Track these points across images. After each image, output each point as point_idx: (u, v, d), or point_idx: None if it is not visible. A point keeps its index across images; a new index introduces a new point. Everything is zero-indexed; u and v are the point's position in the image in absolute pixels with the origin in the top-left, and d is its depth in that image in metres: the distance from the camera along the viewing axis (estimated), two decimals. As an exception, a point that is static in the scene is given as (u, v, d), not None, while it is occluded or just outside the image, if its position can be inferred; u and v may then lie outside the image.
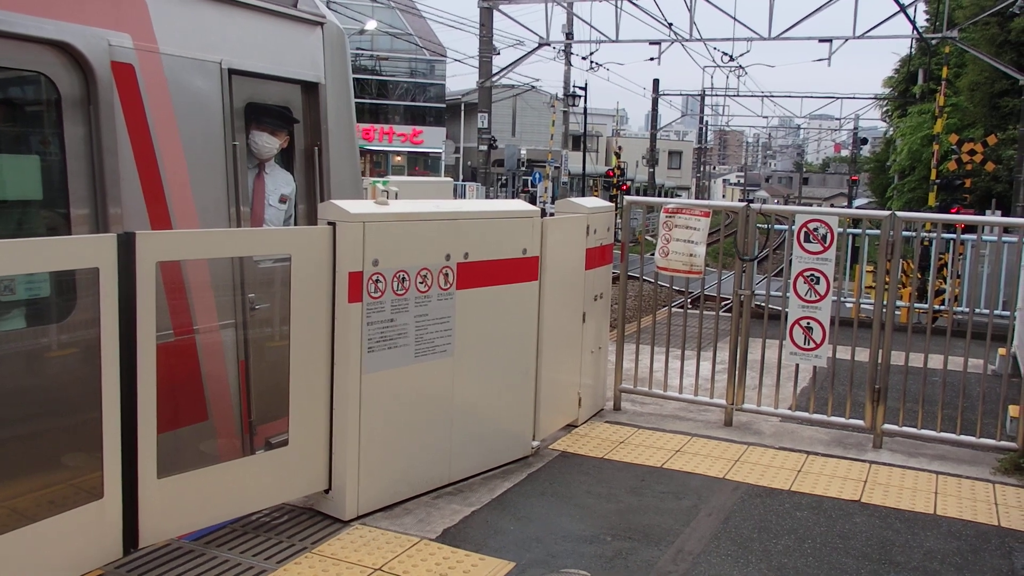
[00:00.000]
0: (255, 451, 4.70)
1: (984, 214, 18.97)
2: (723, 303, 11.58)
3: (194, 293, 4.37)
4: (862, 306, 10.02)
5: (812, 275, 5.77)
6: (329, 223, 4.12)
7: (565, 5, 28.85)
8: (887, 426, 5.82)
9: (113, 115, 3.97)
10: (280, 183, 5.09)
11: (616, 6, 25.52)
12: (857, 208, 46.60)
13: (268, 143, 4.92)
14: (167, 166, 4.25)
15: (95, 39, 3.90)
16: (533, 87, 42.61)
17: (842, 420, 6.00)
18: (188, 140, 4.37)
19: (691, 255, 6.15)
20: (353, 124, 5.58)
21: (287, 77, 5.01)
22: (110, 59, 3.95)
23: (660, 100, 50.39)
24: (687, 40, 26.10)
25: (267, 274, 4.79)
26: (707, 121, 70.82)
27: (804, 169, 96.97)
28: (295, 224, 5.14)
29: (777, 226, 9.01)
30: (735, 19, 24.03)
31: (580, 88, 42.64)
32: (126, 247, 3.42)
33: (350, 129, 5.52)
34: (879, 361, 5.73)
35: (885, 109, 43.53)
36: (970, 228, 10.16)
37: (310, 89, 5.16)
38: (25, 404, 3.72)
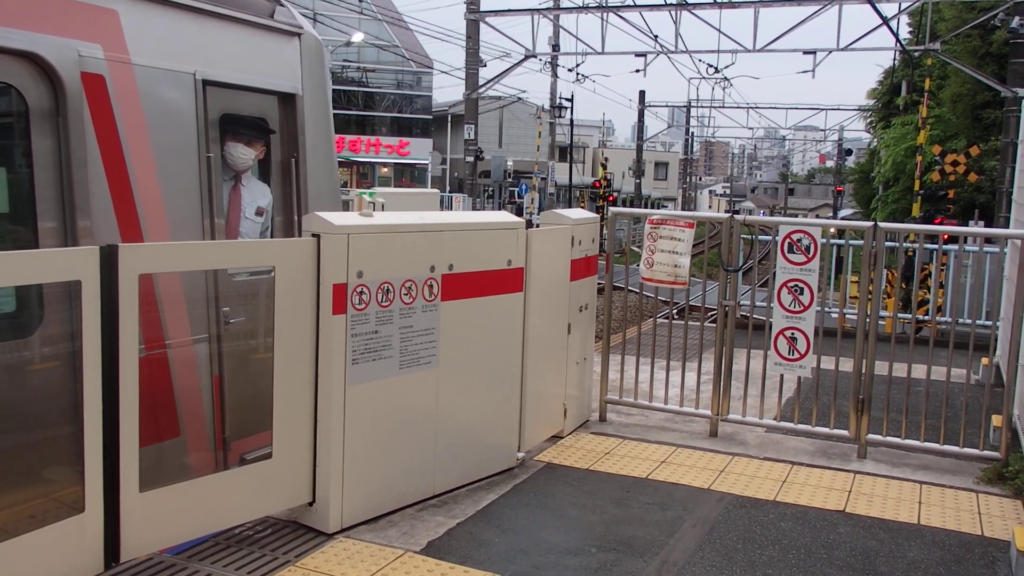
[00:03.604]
0: (229, 468, 4.62)
1: (967, 224, 19.10)
2: (708, 314, 11.60)
3: (166, 306, 4.30)
4: (846, 316, 10.06)
5: (796, 286, 5.79)
6: (314, 235, 4.12)
7: (551, 18, 28.95)
8: (871, 436, 5.84)
9: (83, 126, 3.90)
10: (257, 195, 5.02)
11: (602, 19, 25.62)
12: (842, 218, 46.84)
13: (244, 154, 4.85)
14: (138, 178, 4.19)
15: (64, 49, 3.83)
16: (520, 99, 42.69)
17: (827, 430, 6.02)
18: (160, 152, 4.30)
19: (676, 266, 6.17)
20: (331, 136, 5.52)
21: (264, 88, 4.95)
22: (80, 70, 3.89)
23: (646, 111, 50.59)
24: (673, 52, 26.20)
25: (242, 287, 4.72)
26: (693, 132, 71.14)
27: (789, 180, 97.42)
28: (272, 236, 5.08)
29: (761, 237, 9.05)
30: (720, 31, 24.16)
31: (566, 99, 42.78)
32: (109, 259, 3.41)
33: (328, 141, 5.47)
34: (863, 371, 5.76)
35: (869, 120, 43.79)
36: (953, 238, 10.22)
37: (287, 100, 5.10)
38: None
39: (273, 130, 5.05)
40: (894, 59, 34.61)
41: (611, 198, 35.57)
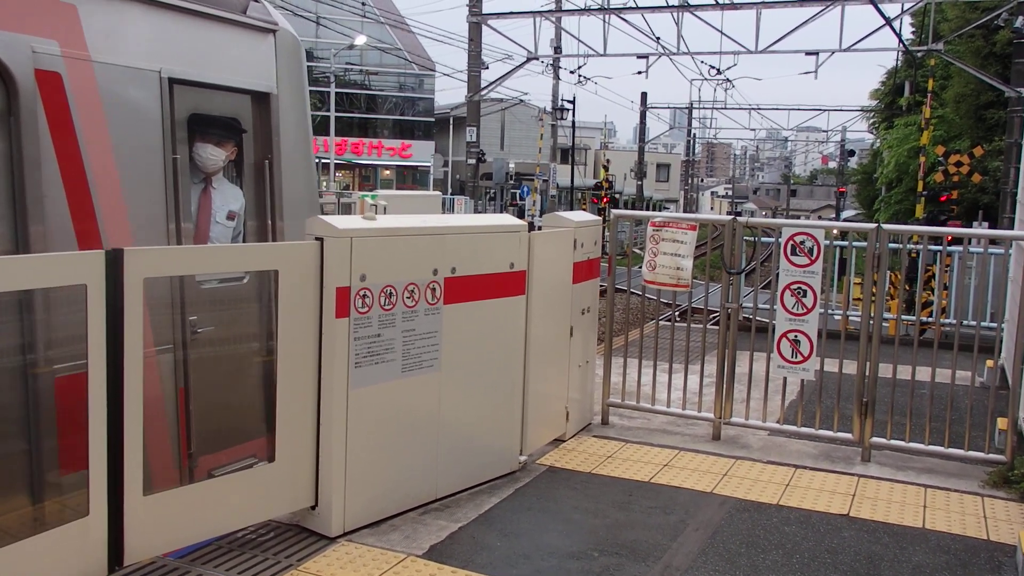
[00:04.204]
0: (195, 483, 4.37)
1: (971, 226, 19.08)
2: (710, 316, 11.59)
3: None
4: (849, 318, 10.03)
5: (799, 288, 5.78)
6: (317, 238, 4.12)
7: (553, 20, 28.96)
8: (875, 439, 5.82)
9: (36, 127, 3.74)
10: (229, 198, 4.82)
11: (604, 20, 25.62)
12: (845, 220, 46.80)
13: (213, 155, 4.65)
14: (98, 181, 4.00)
15: (16, 45, 3.65)
16: (522, 101, 42.73)
17: (830, 433, 6.00)
18: (122, 153, 4.12)
19: (678, 268, 6.16)
20: (309, 137, 5.33)
21: (235, 87, 4.74)
22: (34, 67, 3.71)
23: (648, 113, 50.58)
24: (675, 54, 26.21)
25: (212, 295, 4.53)
26: (695, 134, 71.10)
27: (792, 181, 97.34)
28: (244, 241, 4.87)
29: (764, 239, 9.03)
30: (722, 33, 24.15)
31: (568, 101, 42.80)
32: (114, 263, 3.42)
33: (306, 142, 5.28)
34: (867, 374, 5.74)
35: (872, 121, 43.79)
36: (957, 240, 10.20)
37: (261, 99, 4.89)
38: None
39: (245, 130, 4.85)
40: (897, 59, 34.58)
41: (606, 200, 35.45)
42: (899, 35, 22.60)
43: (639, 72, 29.18)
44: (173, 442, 4.36)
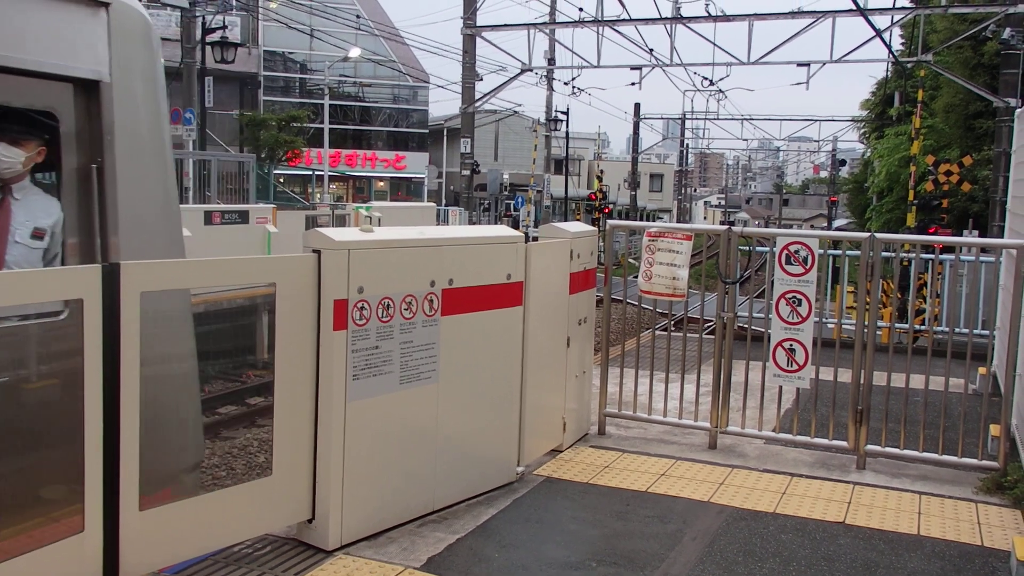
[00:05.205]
0: None
1: (962, 234, 19.18)
2: (706, 325, 11.60)
3: None
4: (843, 327, 10.08)
5: (794, 297, 5.81)
6: (314, 251, 4.13)
7: (547, 32, 29.09)
8: (870, 447, 5.85)
9: None
10: (37, 212, 3.92)
11: (598, 32, 25.76)
12: (837, 228, 46.94)
13: (7, 156, 3.79)
14: None
15: None
16: (515, 112, 42.92)
17: (825, 441, 6.03)
18: None
19: (674, 278, 6.19)
20: (163, 137, 4.40)
21: (46, 72, 3.83)
22: None
23: (641, 124, 50.81)
24: (668, 65, 26.36)
25: (8, 335, 3.60)
26: (688, 144, 71.39)
27: (784, 191, 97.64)
28: (63, 263, 3.96)
29: (759, 248, 9.07)
30: (715, 44, 24.30)
31: (562, 113, 42.93)
32: (110, 278, 3.40)
33: (158, 143, 4.33)
34: (861, 382, 5.77)
35: (863, 131, 44.00)
36: (948, 248, 10.26)
37: (87, 89, 3.98)
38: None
39: (58, 126, 3.93)
40: (887, 70, 34.82)
41: (607, 210, 35.63)
42: (889, 46, 22.77)
43: (632, 83, 29.40)
44: None
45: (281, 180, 38.56)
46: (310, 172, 43.72)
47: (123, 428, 3.47)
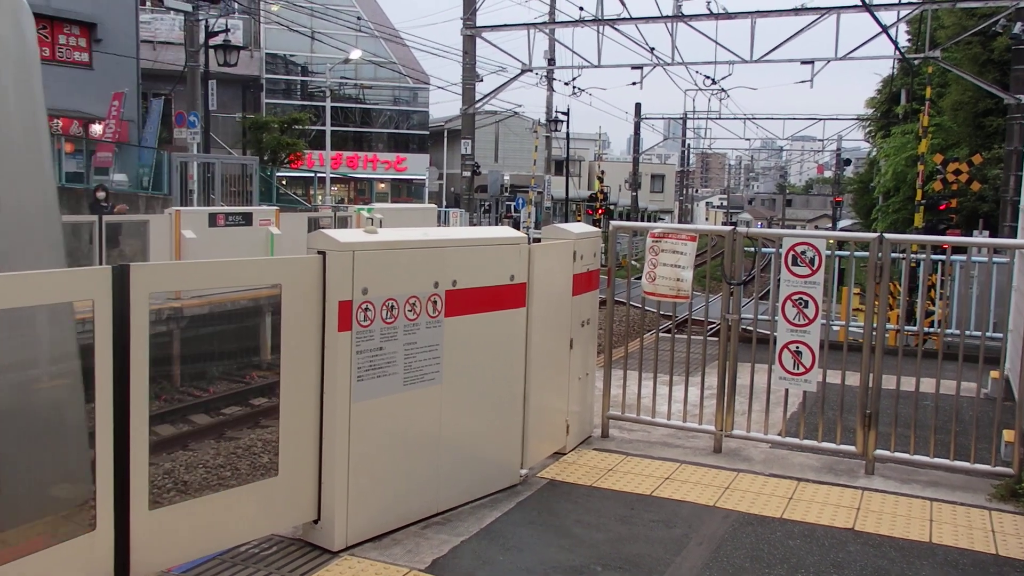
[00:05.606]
0: None
1: (971, 234, 19.06)
2: (710, 327, 11.56)
3: None
4: (850, 329, 9.99)
5: (800, 299, 5.74)
6: (319, 252, 4.10)
7: (547, 32, 29.04)
8: (879, 452, 5.77)
9: None
10: None
11: (598, 32, 25.69)
12: (842, 229, 46.87)
13: None
14: None
15: None
16: (516, 113, 42.89)
17: (833, 446, 5.96)
18: None
19: (678, 280, 6.12)
20: (40, 131, 3.92)
21: None
22: None
23: (642, 124, 50.73)
24: (669, 64, 26.28)
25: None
26: (689, 144, 71.36)
27: (787, 191, 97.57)
28: None
29: (764, 249, 9.00)
30: (717, 42, 24.23)
31: (562, 113, 42.95)
32: (121, 278, 3.40)
33: (31, 136, 3.84)
34: (870, 385, 5.70)
35: (868, 130, 43.87)
36: (958, 249, 10.18)
37: None
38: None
39: None
40: (893, 67, 34.69)
41: (601, 211, 35.49)
42: (895, 42, 22.66)
43: (633, 83, 29.35)
44: None
45: (283, 182, 38.60)
46: (312, 174, 43.78)
47: (133, 428, 3.47)
